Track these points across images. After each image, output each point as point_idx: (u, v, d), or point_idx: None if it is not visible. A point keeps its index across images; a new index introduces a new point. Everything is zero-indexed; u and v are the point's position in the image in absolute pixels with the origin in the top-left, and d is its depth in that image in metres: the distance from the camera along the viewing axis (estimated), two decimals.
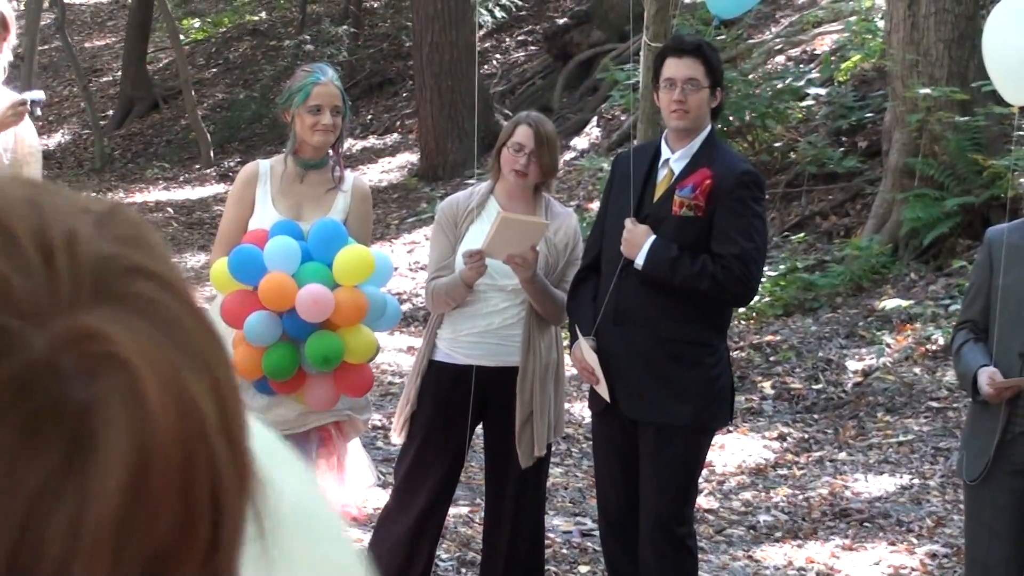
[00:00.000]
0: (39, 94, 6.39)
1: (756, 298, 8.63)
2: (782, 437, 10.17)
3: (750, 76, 16.27)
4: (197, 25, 30.88)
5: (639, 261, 5.61)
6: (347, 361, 5.41)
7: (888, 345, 11.50)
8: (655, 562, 5.75)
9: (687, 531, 5.86)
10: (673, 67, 5.72)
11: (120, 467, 0.77)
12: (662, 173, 5.77)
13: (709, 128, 5.79)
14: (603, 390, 5.72)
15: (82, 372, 0.77)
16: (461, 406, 5.98)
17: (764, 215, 5.79)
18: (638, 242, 5.61)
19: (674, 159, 5.73)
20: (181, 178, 23.18)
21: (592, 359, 5.69)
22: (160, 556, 0.79)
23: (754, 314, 12.50)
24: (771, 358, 11.56)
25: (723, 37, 17.04)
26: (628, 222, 5.65)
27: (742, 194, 5.61)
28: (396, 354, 12.62)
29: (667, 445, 5.67)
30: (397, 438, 6.29)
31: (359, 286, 5.39)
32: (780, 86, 16.11)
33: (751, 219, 5.63)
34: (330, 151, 5.83)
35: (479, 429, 6.23)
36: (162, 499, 0.78)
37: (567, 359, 6.32)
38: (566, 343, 6.53)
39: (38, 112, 6.24)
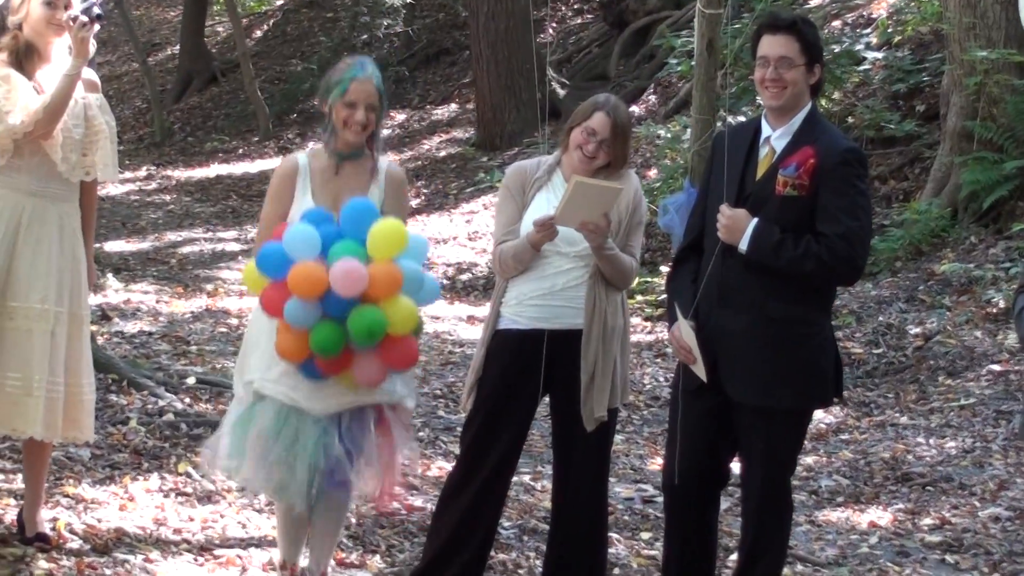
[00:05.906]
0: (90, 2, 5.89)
1: None
2: (843, 402, 10.17)
3: None
4: None
5: (742, 246, 5.57)
6: (391, 334, 5.44)
7: (948, 309, 11.49)
8: (759, 521, 5.79)
9: (788, 494, 5.90)
10: (767, 44, 5.64)
11: None
12: (763, 151, 5.71)
13: (810, 105, 5.71)
14: (700, 370, 5.68)
15: None
16: (527, 372, 6.00)
17: (868, 192, 5.72)
18: (739, 227, 5.57)
19: (775, 136, 5.68)
20: (240, 151, 23.30)
21: (690, 339, 5.66)
22: None
23: None
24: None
25: (779, 2, 16.96)
26: (724, 207, 5.61)
27: (846, 172, 5.55)
28: (455, 323, 12.71)
29: (769, 425, 5.67)
30: (464, 408, 6.31)
31: (394, 259, 5.43)
32: (837, 50, 16.03)
33: (855, 197, 5.57)
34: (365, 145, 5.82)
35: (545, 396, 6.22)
36: None
37: (632, 322, 6.28)
38: (630, 308, 6.50)
39: (97, 15, 5.80)
